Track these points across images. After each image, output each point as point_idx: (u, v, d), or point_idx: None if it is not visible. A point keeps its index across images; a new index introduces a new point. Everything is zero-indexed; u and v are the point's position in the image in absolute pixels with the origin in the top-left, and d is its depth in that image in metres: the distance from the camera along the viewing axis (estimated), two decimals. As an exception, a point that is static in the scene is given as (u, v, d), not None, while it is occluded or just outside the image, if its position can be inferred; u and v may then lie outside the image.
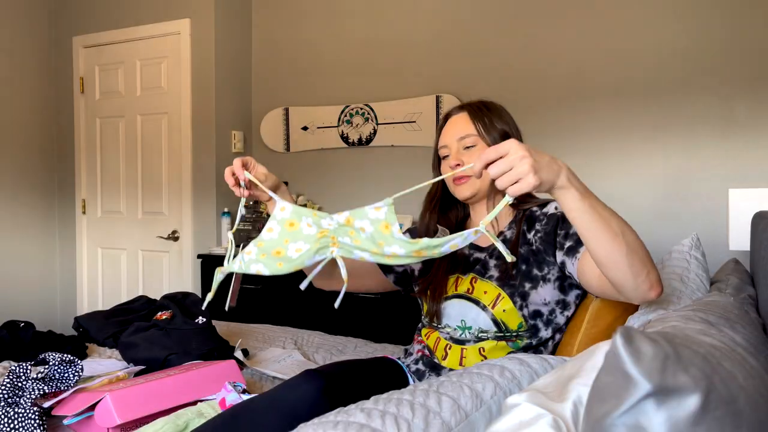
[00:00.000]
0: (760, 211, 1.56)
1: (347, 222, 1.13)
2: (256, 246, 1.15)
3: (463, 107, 1.39)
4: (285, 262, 1.12)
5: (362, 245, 1.09)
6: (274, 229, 1.17)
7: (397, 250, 1.06)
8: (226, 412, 1.09)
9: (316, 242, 1.12)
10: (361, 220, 1.11)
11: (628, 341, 0.46)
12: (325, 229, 1.13)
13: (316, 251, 1.11)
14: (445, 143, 1.37)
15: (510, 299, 1.27)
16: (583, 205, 0.97)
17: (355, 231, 1.11)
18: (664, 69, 2.61)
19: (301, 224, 1.16)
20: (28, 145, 3.64)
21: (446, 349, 1.33)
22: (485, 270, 1.33)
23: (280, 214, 1.17)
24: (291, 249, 1.13)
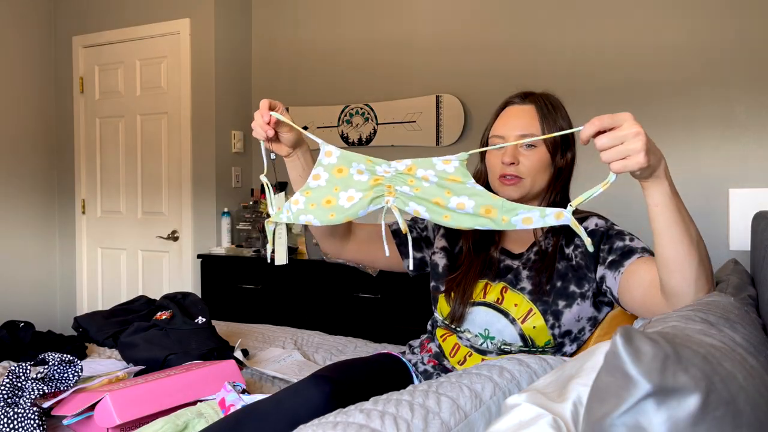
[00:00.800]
0: (760, 211, 1.56)
1: (409, 170, 1.04)
2: (303, 195, 1.08)
3: (528, 98, 1.27)
4: (337, 212, 1.05)
5: (423, 194, 1.01)
6: (321, 176, 1.09)
7: (466, 201, 0.98)
8: (230, 416, 1.07)
9: (369, 190, 1.04)
10: (426, 170, 1.03)
11: (628, 341, 0.46)
12: (380, 176, 1.05)
13: (370, 201, 1.04)
14: (503, 134, 1.25)
15: (542, 316, 1.20)
16: (671, 202, 0.94)
17: (416, 179, 1.02)
18: (664, 69, 2.61)
19: (351, 170, 1.07)
20: (28, 145, 3.64)
21: (466, 357, 1.28)
22: (517, 280, 1.26)
23: (327, 159, 1.09)
24: (342, 198, 1.06)
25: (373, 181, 1.05)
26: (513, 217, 0.96)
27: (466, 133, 3.02)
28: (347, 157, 1.09)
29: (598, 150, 0.90)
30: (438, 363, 1.33)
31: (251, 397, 1.27)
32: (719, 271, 1.52)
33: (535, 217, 0.95)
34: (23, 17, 3.60)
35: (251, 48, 3.58)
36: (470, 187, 0.99)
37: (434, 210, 0.99)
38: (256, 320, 2.92)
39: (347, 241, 1.36)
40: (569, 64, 2.77)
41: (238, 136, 3.49)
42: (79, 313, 3.72)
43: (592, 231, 1.22)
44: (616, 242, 1.18)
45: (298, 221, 1.08)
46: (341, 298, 2.85)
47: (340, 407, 0.86)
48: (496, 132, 1.27)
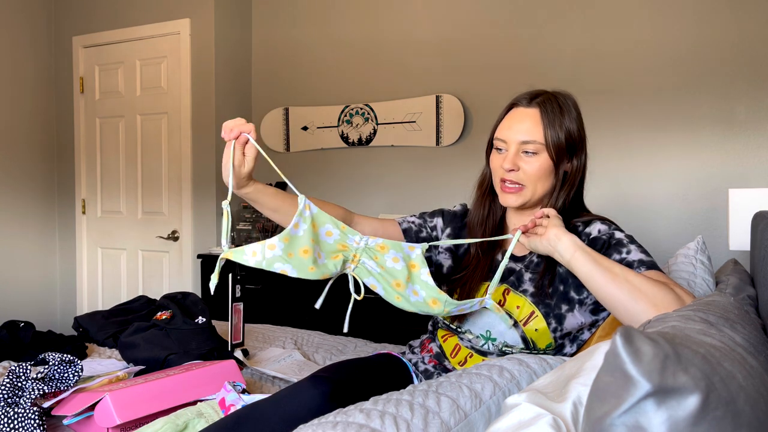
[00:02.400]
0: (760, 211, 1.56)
1: (380, 248, 1.13)
2: (281, 241, 1.06)
3: (534, 101, 1.23)
4: (316, 266, 1.09)
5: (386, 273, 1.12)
6: (300, 226, 1.10)
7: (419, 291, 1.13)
8: (230, 416, 1.07)
9: (336, 253, 1.11)
10: (396, 253, 1.14)
11: (628, 341, 0.46)
12: (348, 245, 1.12)
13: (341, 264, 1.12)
14: (505, 138, 1.23)
15: (544, 319, 1.20)
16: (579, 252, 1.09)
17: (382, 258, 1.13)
18: (664, 69, 2.61)
19: (320, 230, 1.11)
20: (28, 145, 3.64)
21: (467, 358, 1.28)
22: (519, 283, 1.26)
23: (306, 211, 1.11)
24: (316, 251, 1.10)
25: (340, 246, 1.12)
26: (452, 309, 1.15)
27: (466, 133, 3.02)
28: (322, 217, 1.13)
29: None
30: (439, 363, 1.32)
31: (251, 397, 1.27)
32: (719, 271, 1.52)
33: (467, 308, 1.17)
34: (23, 17, 3.60)
35: (251, 48, 3.58)
36: (423, 280, 1.14)
37: (389, 291, 1.13)
38: (256, 320, 2.92)
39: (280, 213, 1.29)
40: (569, 64, 2.77)
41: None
42: (79, 313, 3.72)
43: (594, 238, 1.21)
44: (613, 254, 1.16)
45: (271, 268, 1.06)
46: (341, 298, 2.85)
47: (340, 407, 0.86)
48: (499, 135, 1.25)
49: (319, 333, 2.18)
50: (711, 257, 1.47)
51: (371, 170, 3.26)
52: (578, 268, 1.07)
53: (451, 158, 3.04)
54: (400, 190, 3.17)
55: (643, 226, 2.62)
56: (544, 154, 1.21)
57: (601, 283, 1.03)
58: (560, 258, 1.10)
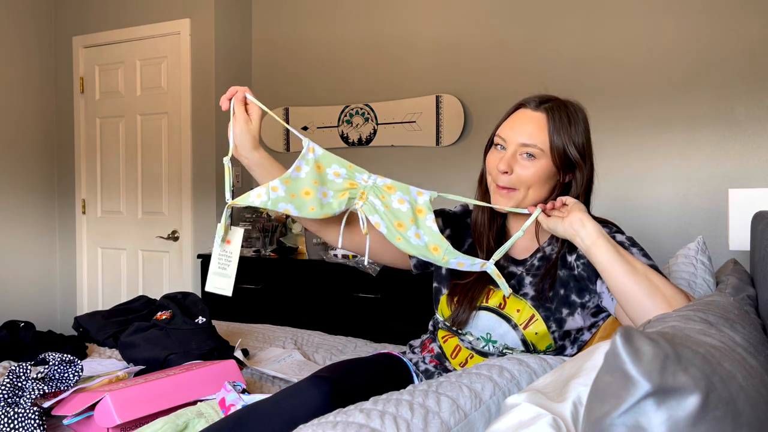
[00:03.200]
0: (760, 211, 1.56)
1: (388, 188, 1.15)
2: (283, 183, 1.13)
3: (542, 105, 1.20)
4: (316, 205, 1.12)
5: (390, 213, 1.13)
6: (303, 169, 1.15)
7: (422, 235, 1.13)
8: (230, 416, 1.07)
9: (343, 191, 1.13)
10: (403, 195, 1.15)
11: (628, 341, 0.46)
12: (356, 182, 1.15)
13: (347, 200, 1.13)
14: (506, 138, 1.20)
15: (544, 323, 1.19)
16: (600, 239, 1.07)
17: (389, 198, 1.14)
18: (664, 69, 2.61)
19: (328, 170, 1.15)
20: (29, 145, 3.64)
21: (468, 359, 1.27)
22: (520, 286, 1.25)
23: (310, 154, 1.16)
24: (319, 192, 1.13)
25: (348, 184, 1.15)
26: (451, 259, 1.14)
27: (466, 133, 3.02)
28: (328, 158, 1.16)
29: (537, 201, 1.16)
30: (440, 363, 1.32)
31: (251, 397, 1.27)
32: (719, 271, 1.52)
33: (467, 264, 1.16)
34: (23, 17, 3.61)
35: (251, 48, 3.58)
36: (428, 225, 1.15)
37: (391, 230, 1.14)
38: (256, 320, 2.92)
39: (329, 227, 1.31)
40: (569, 64, 2.77)
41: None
42: (79, 313, 3.72)
43: None
44: None
45: (276, 208, 1.12)
46: (341, 298, 2.85)
47: (340, 407, 0.86)
48: (501, 133, 1.22)
49: (319, 333, 2.18)
50: (711, 257, 1.47)
51: (371, 170, 3.22)
52: (598, 255, 1.05)
53: (451, 158, 3.04)
54: (400, 190, 3.16)
55: (643, 227, 2.62)
56: (543, 160, 1.17)
57: (619, 275, 1.02)
58: (580, 242, 1.08)
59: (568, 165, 1.20)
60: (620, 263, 1.03)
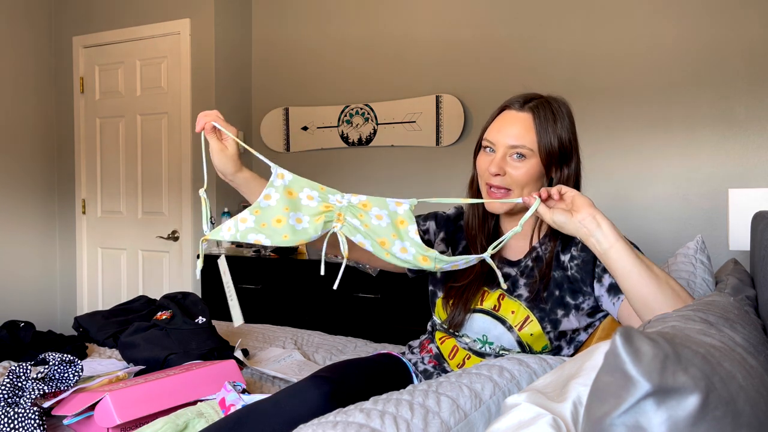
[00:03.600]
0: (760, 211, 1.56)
1: (363, 205, 1.11)
2: (252, 214, 1.09)
3: (528, 104, 1.20)
4: (290, 233, 1.08)
5: (371, 232, 1.09)
6: (272, 197, 1.11)
7: (408, 248, 1.09)
8: (230, 416, 1.07)
9: (318, 216, 1.09)
10: (380, 210, 1.11)
11: (628, 341, 0.46)
12: (331, 204, 1.11)
13: (323, 224, 1.09)
14: (494, 141, 1.20)
15: (539, 323, 1.19)
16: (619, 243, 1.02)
17: (366, 216, 1.10)
18: (664, 69, 2.61)
19: (301, 194, 1.12)
20: (28, 144, 3.64)
21: (465, 359, 1.27)
22: (514, 287, 1.24)
23: (279, 180, 1.12)
24: (292, 218, 1.09)
25: (323, 207, 1.11)
26: (445, 265, 1.10)
27: (466, 133, 3.02)
28: (299, 182, 1.13)
29: None
30: (438, 364, 1.32)
31: (251, 397, 1.27)
32: (719, 271, 1.52)
33: (461, 263, 1.11)
34: (23, 17, 3.61)
35: (251, 48, 3.58)
36: (411, 237, 1.10)
37: (377, 248, 1.09)
38: (256, 320, 2.92)
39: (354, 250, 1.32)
40: (569, 64, 2.77)
41: (239, 136, 3.48)
42: (79, 313, 3.72)
43: None
44: None
45: (245, 240, 1.08)
46: (341, 298, 2.85)
47: (340, 407, 0.86)
48: (488, 136, 1.22)
49: (319, 333, 2.18)
50: (711, 257, 1.47)
51: (371, 170, 3.26)
52: (617, 260, 1.00)
53: (451, 158, 3.04)
54: (400, 191, 3.16)
55: (643, 226, 2.62)
56: (533, 159, 1.17)
57: (639, 283, 0.99)
58: (595, 244, 1.02)
59: (557, 161, 1.20)
60: (639, 271, 0.99)
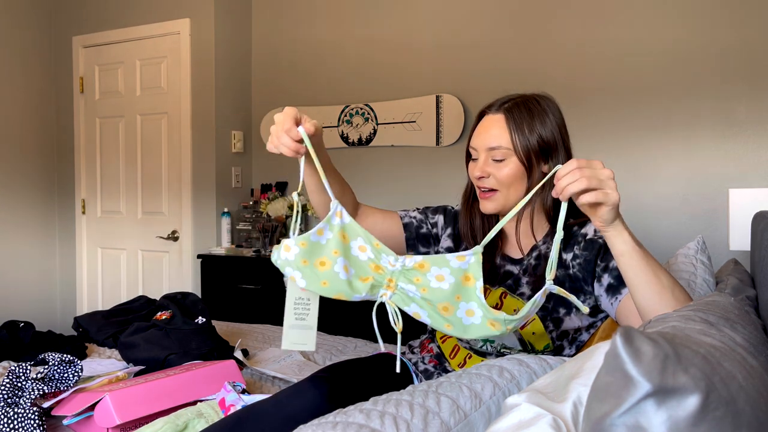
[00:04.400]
0: (761, 211, 1.56)
1: (419, 266, 0.96)
2: (298, 245, 0.96)
3: (502, 106, 1.22)
4: (331, 281, 0.94)
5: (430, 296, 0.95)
6: (325, 233, 0.98)
7: (476, 310, 0.95)
8: (230, 416, 1.07)
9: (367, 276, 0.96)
10: (440, 269, 0.96)
11: (628, 341, 0.46)
12: (382, 266, 0.97)
13: (370, 288, 0.96)
14: (475, 146, 1.23)
15: (541, 322, 1.19)
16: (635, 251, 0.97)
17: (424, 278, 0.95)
18: (664, 69, 2.61)
19: (352, 243, 0.98)
20: (28, 145, 3.64)
21: (466, 359, 1.27)
22: (517, 286, 1.24)
23: (336, 219, 0.99)
24: (339, 264, 0.95)
25: (373, 267, 0.97)
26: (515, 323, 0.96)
27: (466, 133, 3.02)
28: (354, 229, 0.99)
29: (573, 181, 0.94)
30: (438, 363, 1.32)
31: (251, 397, 1.27)
32: (719, 271, 1.52)
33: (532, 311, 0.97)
34: (23, 17, 3.60)
35: (251, 48, 3.58)
36: (478, 296, 0.96)
37: (436, 317, 0.95)
38: (256, 320, 2.92)
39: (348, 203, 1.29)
40: (569, 64, 2.77)
41: (238, 136, 3.49)
42: (79, 313, 3.72)
43: (591, 240, 1.19)
44: (612, 261, 1.14)
45: (282, 270, 0.97)
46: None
47: (339, 407, 0.86)
48: (471, 143, 1.25)
49: (319, 333, 2.18)
50: (711, 257, 1.47)
51: (371, 170, 3.26)
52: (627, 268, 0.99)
53: (451, 158, 3.04)
54: (400, 190, 3.16)
55: (643, 226, 2.61)
56: (512, 158, 1.19)
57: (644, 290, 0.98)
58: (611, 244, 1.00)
59: (541, 157, 1.20)
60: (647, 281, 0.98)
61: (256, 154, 3.60)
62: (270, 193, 3.33)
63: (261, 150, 3.57)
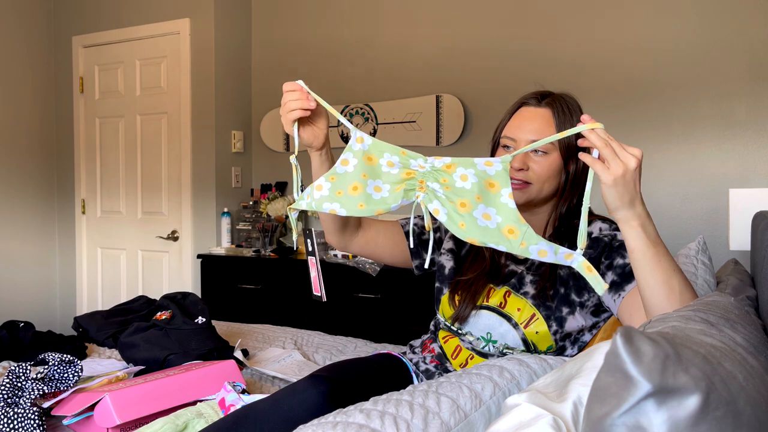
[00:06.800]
0: (761, 211, 1.56)
1: (447, 167, 0.98)
2: (328, 180, 1.02)
3: (545, 100, 1.22)
4: (366, 202, 0.99)
5: (451, 193, 0.96)
6: (350, 162, 1.02)
7: (493, 215, 0.94)
8: (229, 416, 1.07)
9: (400, 183, 1.00)
10: (466, 169, 0.97)
11: (629, 341, 0.46)
12: (413, 170, 1.00)
13: (403, 193, 0.99)
14: (515, 137, 1.21)
15: (545, 322, 1.19)
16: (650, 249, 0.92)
17: (450, 178, 0.97)
18: (664, 69, 2.61)
19: (381, 161, 1.02)
20: (28, 145, 3.64)
21: (468, 359, 1.27)
22: (520, 285, 1.24)
23: (358, 145, 1.03)
24: (370, 186, 1.01)
25: (405, 174, 1.00)
26: (531, 245, 0.93)
27: (466, 133, 3.02)
28: (379, 146, 1.03)
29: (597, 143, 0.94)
30: (440, 363, 1.32)
31: (251, 397, 1.27)
32: (720, 271, 1.52)
33: (550, 252, 0.93)
34: (23, 17, 3.60)
35: (251, 48, 3.58)
36: (503, 202, 0.95)
37: (452, 216, 0.95)
38: (256, 320, 2.92)
39: (356, 235, 1.35)
40: (569, 63, 2.77)
41: (238, 136, 3.49)
42: (79, 313, 3.72)
43: (596, 238, 1.19)
44: (617, 259, 1.14)
45: (321, 209, 1.01)
46: (341, 298, 2.85)
47: (339, 407, 0.86)
48: (508, 133, 1.23)
49: (319, 333, 2.18)
50: (711, 257, 1.47)
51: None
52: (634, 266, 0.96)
53: (451, 158, 3.04)
54: (400, 190, 3.16)
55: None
56: (554, 153, 1.19)
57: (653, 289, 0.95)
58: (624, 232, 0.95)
59: (573, 154, 1.21)
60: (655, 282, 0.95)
61: (256, 154, 3.59)
62: (270, 193, 3.33)
63: (261, 150, 3.57)
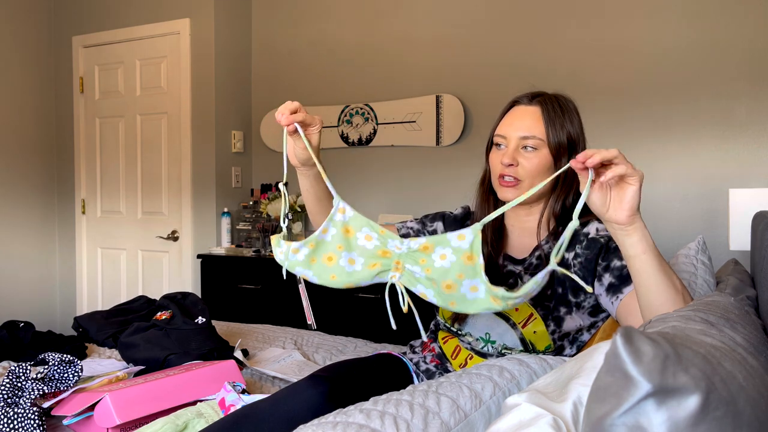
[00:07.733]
0: (761, 211, 1.56)
1: (424, 248, 1.01)
2: (306, 246, 1.04)
3: (535, 99, 1.25)
4: (338, 274, 1.02)
5: (434, 275, 0.99)
6: (329, 231, 1.05)
7: (479, 285, 0.98)
8: (228, 416, 1.07)
9: (375, 261, 1.02)
10: (443, 248, 1.00)
11: (628, 341, 0.46)
12: (389, 250, 1.02)
13: (376, 273, 1.02)
14: (505, 134, 1.24)
15: (543, 321, 1.20)
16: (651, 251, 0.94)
17: (429, 259, 1.00)
18: (664, 69, 2.61)
19: (358, 234, 1.04)
20: (28, 145, 3.64)
21: (467, 359, 1.28)
22: (518, 285, 1.21)
23: (339, 215, 1.05)
24: (344, 258, 1.03)
25: (381, 252, 1.03)
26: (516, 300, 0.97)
27: (466, 133, 3.02)
28: (358, 221, 1.05)
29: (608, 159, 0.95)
30: (440, 363, 1.33)
31: (251, 397, 1.27)
32: (720, 271, 1.52)
33: (534, 289, 0.96)
34: (23, 17, 3.60)
35: (251, 48, 3.58)
36: (480, 273, 0.98)
37: (442, 294, 0.99)
38: (256, 320, 2.92)
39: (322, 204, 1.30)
40: (569, 63, 2.77)
41: (238, 136, 3.49)
42: (79, 313, 3.72)
43: (593, 239, 1.19)
44: (614, 260, 1.14)
45: (293, 271, 1.05)
46: (341, 298, 2.85)
47: (339, 407, 0.86)
48: (499, 131, 1.26)
49: (319, 333, 2.18)
50: (711, 257, 1.47)
51: (371, 170, 3.26)
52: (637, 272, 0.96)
53: (451, 158, 3.04)
54: (400, 190, 3.16)
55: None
56: (543, 150, 1.20)
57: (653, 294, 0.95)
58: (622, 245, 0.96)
59: (565, 154, 1.22)
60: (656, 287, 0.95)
61: (256, 154, 3.59)
62: (270, 193, 3.33)
63: (261, 150, 3.57)
